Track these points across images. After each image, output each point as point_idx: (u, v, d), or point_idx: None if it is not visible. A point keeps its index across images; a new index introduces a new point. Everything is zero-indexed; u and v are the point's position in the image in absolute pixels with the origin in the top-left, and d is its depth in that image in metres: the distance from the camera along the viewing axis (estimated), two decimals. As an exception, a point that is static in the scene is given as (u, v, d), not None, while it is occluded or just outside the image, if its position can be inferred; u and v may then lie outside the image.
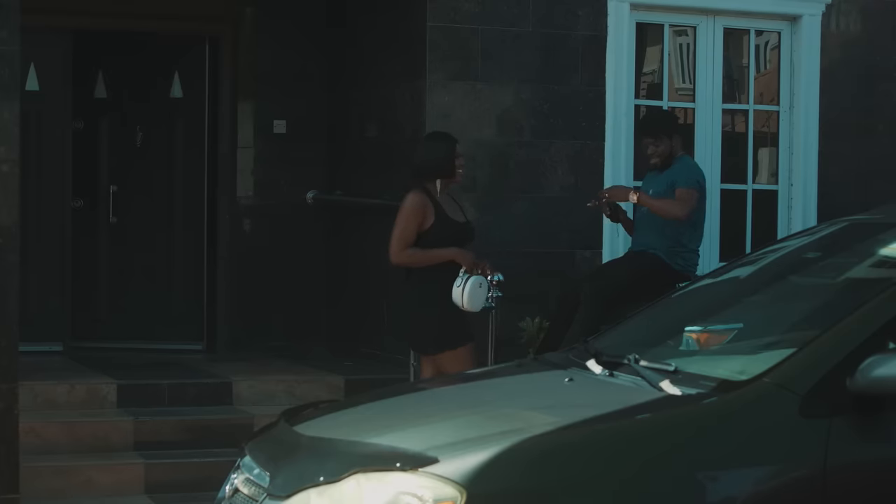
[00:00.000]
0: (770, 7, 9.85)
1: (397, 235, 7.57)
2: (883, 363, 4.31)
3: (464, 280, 7.49)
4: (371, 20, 10.07)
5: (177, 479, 8.04)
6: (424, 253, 7.56)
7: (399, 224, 7.58)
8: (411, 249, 7.55)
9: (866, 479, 4.43)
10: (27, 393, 8.05)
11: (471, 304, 7.52)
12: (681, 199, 8.41)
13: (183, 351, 10.44)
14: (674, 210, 8.40)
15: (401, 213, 7.60)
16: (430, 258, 7.55)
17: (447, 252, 7.54)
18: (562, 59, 9.36)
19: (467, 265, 7.51)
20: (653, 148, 8.64)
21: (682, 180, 8.49)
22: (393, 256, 7.61)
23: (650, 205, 8.44)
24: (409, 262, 7.61)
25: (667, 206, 8.42)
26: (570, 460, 4.32)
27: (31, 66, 10.05)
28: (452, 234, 7.63)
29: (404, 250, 7.56)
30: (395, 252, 7.58)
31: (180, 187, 10.77)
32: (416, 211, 7.55)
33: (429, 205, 7.57)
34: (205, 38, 10.69)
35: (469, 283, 7.48)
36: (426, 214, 7.56)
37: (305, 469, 4.59)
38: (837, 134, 9.95)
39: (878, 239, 5.36)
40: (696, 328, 5.50)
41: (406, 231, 7.55)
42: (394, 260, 7.62)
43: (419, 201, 7.57)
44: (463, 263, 7.52)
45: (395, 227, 7.60)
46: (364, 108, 10.12)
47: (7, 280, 7.33)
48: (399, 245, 7.56)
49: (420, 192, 7.60)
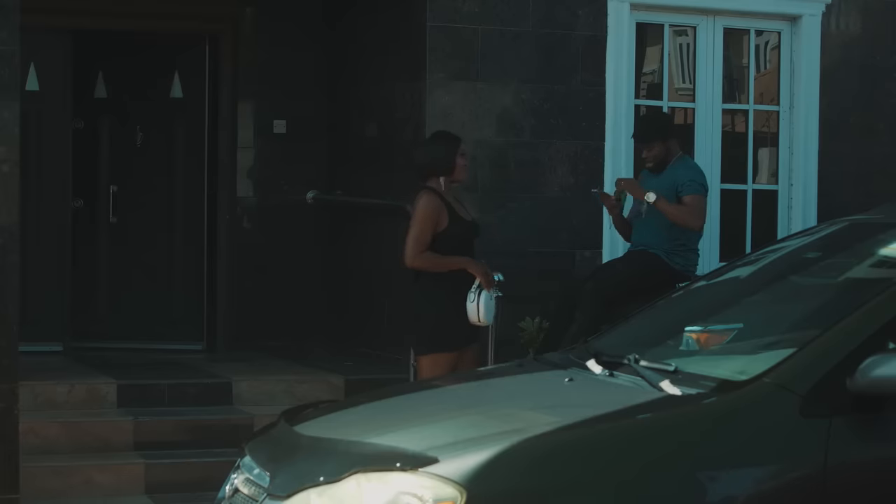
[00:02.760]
0: (770, 7, 9.85)
1: (414, 238, 7.45)
2: (883, 363, 4.32)
3: (476, 295, 7.45)
4: (371, 20, 10.07)
5: (177, 479, 8.04)
6: (441, 259, 7.45)
7: (415, 226, 7.46)
8: (427, 253, 7.45)
9: (866, 479, 4.43)
10: (27, 393, 8.05)
11: (486, 318, 7.49)
12: (693, 208, 8.35)
13: (183, 351, 10.44)
14: (690, 221, 8.35)
15: (416, 216, 7.48)
16: (446, 265, 7.46)
17: (461, 261, 7.47)
18: (562, 59, 9.36)
19: (481, 277, 7.46)
20: (646, 153, 8.59)
21: (687, 186, 8.42)
22: (409, 260, 7.48)
23: (667, 211, 8.32)
24: (424, 266, 7.50)
25: (683, 215, 8.34)
26: (571, 460, 4.33)
27: (31, 66, 10.04)
28: (464, 232, 7.60)
29: (421, 254, 7.46)
30: (411, 256, 7.46)
31: (180, 187, 10.77)
32: (431, 213, 7.45)
33: (442, 206, 7.50)
34: (205, 38, 10.68)
35: (482, 298, 7.45)
36: (441, 216, 7.48)
37: (305, 469, 4.59)
38: (837, 134, 9.94)
39: (878, 239, 5.36)
40: (697, 328, 5.50)
41: (423, 234, 7.44)
42: (409, 263, 7.50)
43: (434, 203, 7.48)
44: (477, 275, 7.45)
45: (410, 230, 7.49)
46: (364, 108, 10.12)
47: (7, 280, 7.33)
48: (416, 248, 7.44)
49: (432, 193, 7.53)
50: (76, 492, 7.90)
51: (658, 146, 8.51)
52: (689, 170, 8.59)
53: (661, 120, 9.04)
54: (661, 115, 9.31)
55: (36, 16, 8.52)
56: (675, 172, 8.51)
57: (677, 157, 8.61)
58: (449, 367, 7.52)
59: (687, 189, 8.40)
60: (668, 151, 8.54)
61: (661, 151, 8.52)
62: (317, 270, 10.53)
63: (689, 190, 8.40)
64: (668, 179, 8.49)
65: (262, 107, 10.56)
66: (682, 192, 8.41)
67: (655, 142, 8.52)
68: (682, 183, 8.42)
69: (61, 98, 10.33)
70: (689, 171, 8.55)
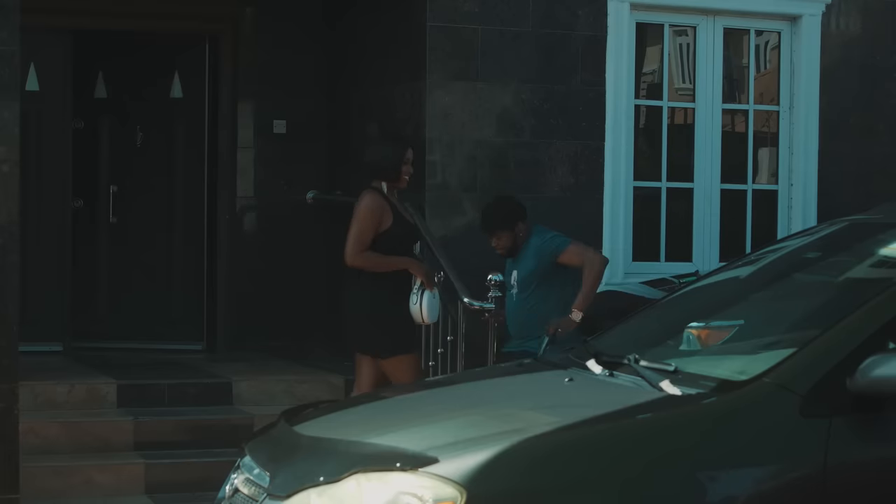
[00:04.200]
0: (770, 7, 9.85)
1: (355, 236, 7.44)
2: (883, 363, 4.31)
3: (419, 295, 7.45)
4: (371, 20, 10.07)
5: (177, 479, 8.04)
6: (383, 258, 7.45)
7: (356, 224, 7.46)
8: (369, 252, 7.44)
9: (866, 479, 4.43)
10: (27, 393, 8.06)
11: (430, 317, 7.50)
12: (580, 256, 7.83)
13: (183, 351, 10.44)
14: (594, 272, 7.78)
15: (358, 214, 7.47)
16: (388, 264, 7.46)
17: (404, 261, 7.49)
18: (562, 59, 9.36)
19: (423, 277, 7.48)
20: (496, 242, 8.04)
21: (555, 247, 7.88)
22: (349, 258, 7.45)
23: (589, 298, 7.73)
24: (365, 265, 7.48)
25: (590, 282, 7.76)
26: (571, 460, 4.32)
27: (31, 66, 10.04)
28: (406, 234, 7.59)
29: (362, 252, 7.44)
30: (352, 254, 7.44)
31: (180, 187, 10.77)
32: (374, 212, 7.45)
33: (386, 206, 7.49)
34: (205, 38, 10.69)
35: (425, 298, 7.46)
36: (384, 216, 7.47)
37: (305, 469, 4.59)
38: (837, 134, 9.95)
39: (878, 239, 5.36)
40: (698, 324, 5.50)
41: (364, 233, 7.43)
42: (349, 262, 7.47)
43: (377, 203, 7.48)
44: (418, 275, 7.47)
45: (351, 228, 7.48)
46: (364, 108, 10.12)
47: (7, 280, 7.33)
48: (357, 247, 7.43)
49: (376, 193, 7.53)
50: (76, 492, 7.90)
51: (506, 236, 7.99)
52: (536, 238, 8.00)
53: (505, 209, 8.12)
54: (505, 205, 8.18)
55: (36, 16, 8.52)
56: (527, 251, 7.99)
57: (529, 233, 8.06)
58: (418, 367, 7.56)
59: (550, 253, 7.90)
60: (516, 237, 8.00)
61: (509, 240, 7.99)
62: (317, 270, 10.53)
63: (556, 250, 7.89)
64: (529, 258, 7.97)
65: (262, 107, 10.56)
66: (547, 260, 7.90)
67: (503, 232, 8.00)
68: (540, 256, 7.92)
69: (61, 98, 10.34)
70: (536, 240, 7.97)
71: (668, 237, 9.74)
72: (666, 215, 9.75)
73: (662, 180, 9.74)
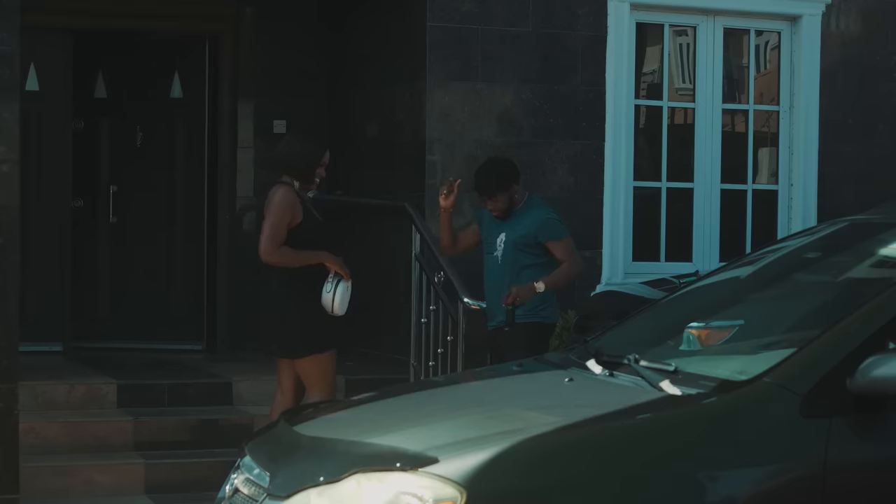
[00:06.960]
0: (770, 7, 9.85)
1: (269, 232, 7.36)
2: (883, 363, 4.31)
3: (334, 285, 7.44)
4: (371, 20, 10.07)
5: (177, 479, 8.04)
6: (298, 254, 7.40)
7: (270, 220, 7.38)
8: (285, 248, 7.38)
9: (866, 479, 4.43)
10: (27, 393, 8.05)
11: (341, 309, 7.46)
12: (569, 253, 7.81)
13: (183, 351, 10.45)
14: (572, 272, 7.82)
15: (271, 209, 7.40)
16: (303, 259, 7.41)
17: (319, 255, 7.44)
18: (562, 59, 9.36)
19: (339, 269, 7.45)
20: (491, 204, 7.94)
21: (547, 231, 7.83)
22: (264, 254, 7.38)
23: (557, 285, 7.75)
24: (280, 261, 7.41)
25: (565, 274, 7.78)
26: (571, 460, 4.32)
27: (31, 66, 10.04)
28: (316, 229, 7.52)
29: (278, 248, 7.37)
30: (267, 250, 7.36)
31: (180, 187, 10.77)
32: (286, 207, 7.38)
33: (297, 200, 7.44)
34: (205, 38, 10.69)
35: (339, 289, 7.44)
36: (296, 211, 7.41)
37: (305, 469, 4.59)
38: (837, 134, 9.95)
39: (878, 239, 5.36)
40: (698, 324, 5.50)
41: (278, 229, 7.36)
42: (265, 258, 7.41)
43: (289, 198, 7.41)
44: (334, 267, 7.44)
45: (265, 223, 7.41)
46: (364, 108, 10.12)
47: (7, 280, 7.33)
48: (273, 242, 7.35)
49: (288, 188, 7.47)
50: (76, 492, 7.90)
51: (501, 197, 7.88)
52: (542, 210, 7.96)
53: (499, 171, 8.03)
54: (498, 166, 8.11)
55: (36, 16, 8.53)
56: (527, 217, 7.90)
57: (525, 199, 7.99)
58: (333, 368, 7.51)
59: (548, 234, 7.83)
60: (511, 200, 7.91)
61: (505, 202, 7.88)
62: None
63: (553, 235, 7.83)
64: (519, 226, 7.87)
65: (262, 107, 10.55)
66: (542, 237, 7.83)
67: (497, 193, 7.90)
68: (540, 228, 7.84)
69: (61, 98, 10.33)
70: (542, 212, 7.94)
71: (668, 237, 9.75)
72: (666, 215, 9.75)
73: (662, 180, 9.74)
